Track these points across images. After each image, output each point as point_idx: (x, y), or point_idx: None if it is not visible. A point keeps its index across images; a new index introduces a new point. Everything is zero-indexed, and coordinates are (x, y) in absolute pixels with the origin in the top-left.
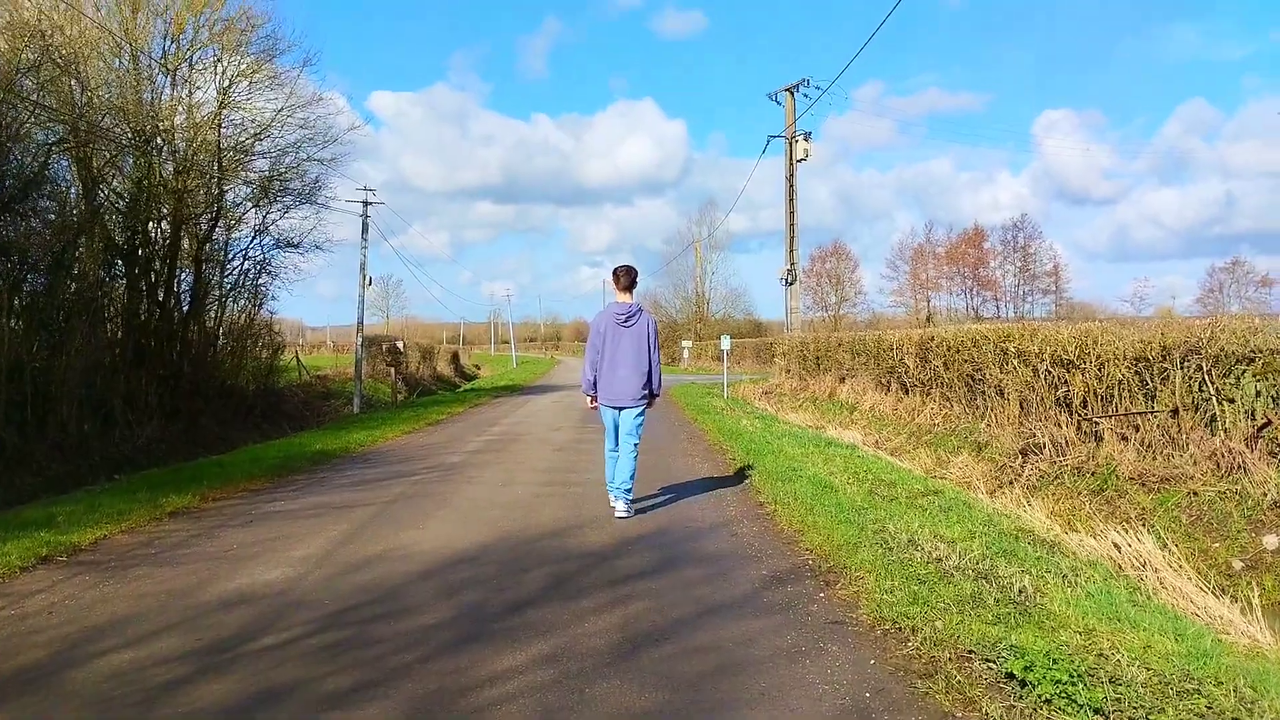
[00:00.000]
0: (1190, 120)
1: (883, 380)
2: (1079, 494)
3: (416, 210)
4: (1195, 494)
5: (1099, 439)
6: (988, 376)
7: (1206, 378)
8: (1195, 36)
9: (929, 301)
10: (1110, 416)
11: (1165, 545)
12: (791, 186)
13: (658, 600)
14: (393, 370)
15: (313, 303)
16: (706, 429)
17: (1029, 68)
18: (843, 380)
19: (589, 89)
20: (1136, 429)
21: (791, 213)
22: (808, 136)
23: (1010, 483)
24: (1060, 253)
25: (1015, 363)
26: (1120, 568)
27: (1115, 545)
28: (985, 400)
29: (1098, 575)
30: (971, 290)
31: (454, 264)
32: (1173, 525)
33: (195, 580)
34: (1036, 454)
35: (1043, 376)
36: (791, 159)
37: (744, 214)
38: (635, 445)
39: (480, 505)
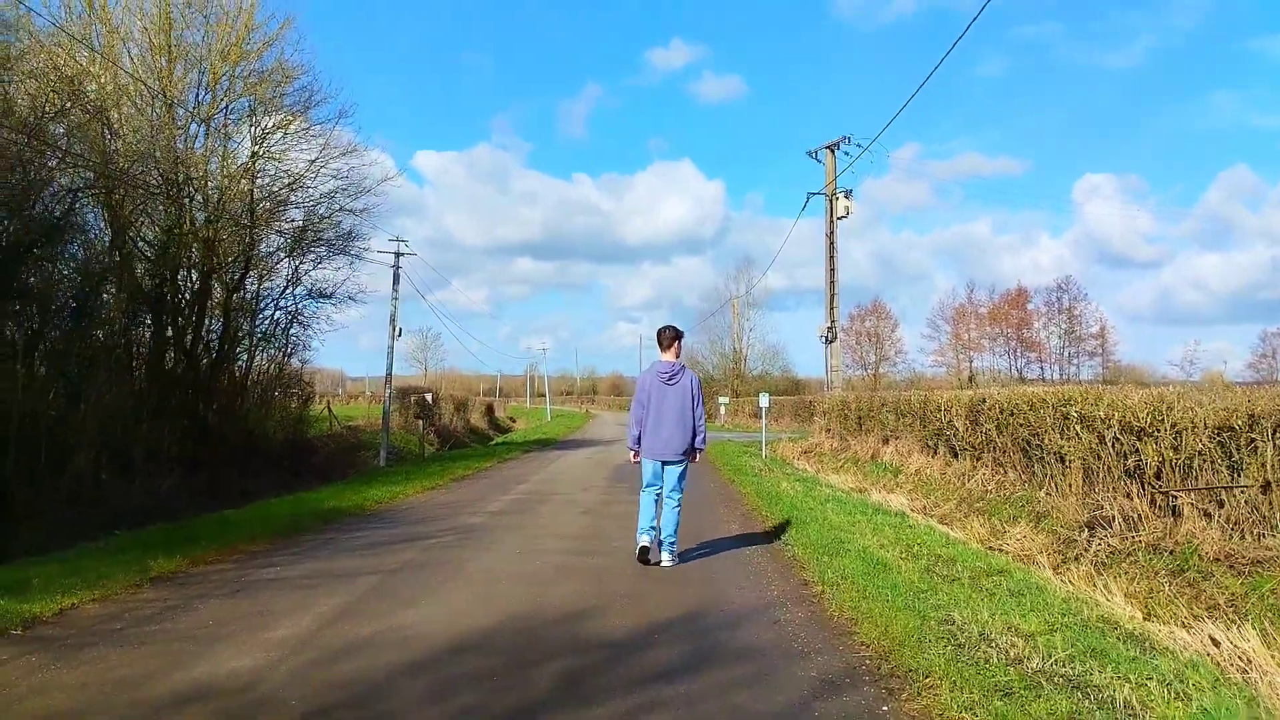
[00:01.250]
0: (1233, 186)
1: (929, 443)
2: (1156, 574)
3: (458, 266)
4: None
5: (1176, 514)
6: (1046, 442)
7: None
8: (1236, 103)
9: (970, 362)
10: (1189, 490)
11: (1269, 640)
12: (832, 244)
13: (688, 711)
14: (420, 423)
15: (353, 354)
16: (745, 492)
17: (1067, 132)
18: (886, 441)
19: (628, 150)
20: (1220, 504)
21: (832, 270)
22: (848, 194)
23: (1076, 558)
24: (1105, 315)
25: (1078, 428)
26: (1221, 668)
27: (1212, 640)
28: (1044, 467)
29: (1205, 682)
30: (1015, 351)
31: (493, 319)
32: (1270, 614)
33: (153, 666)
34: (1105, 528)
35: (1110, 444)
36: (832, 216)
37: (781, 272)
38: (679, 499)
39: (494, 578)
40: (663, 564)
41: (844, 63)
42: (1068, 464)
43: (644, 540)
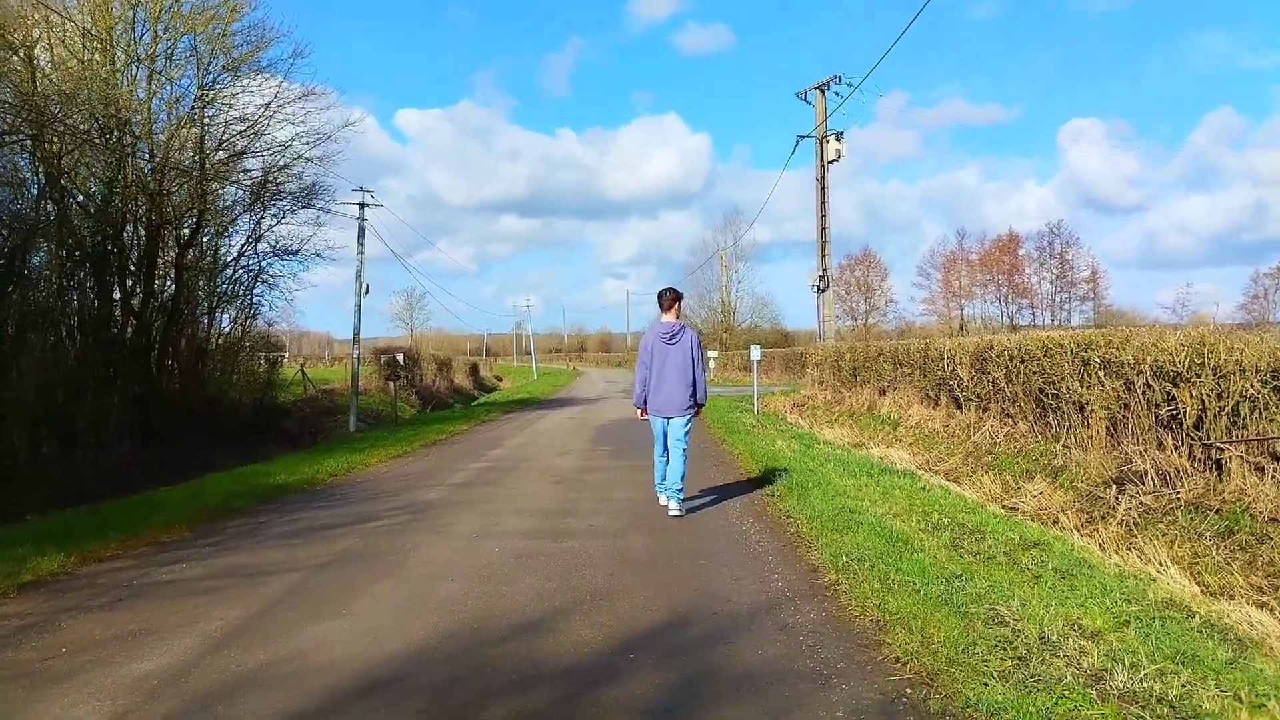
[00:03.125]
0: (1218, 128)
1: (930, 393)
2: (1199, 536)
3: (443, 225)
4: None
5: (1221, 469)
6: (1064, 390)
7: None
8: (1223, 45)
9: (962, 309)
10: (1238, 441)
11: None
12: (823, 189)
13: None
14: (391, 385)
15: (341, 317)
16: (737, 452)
17: (1054, 77)
18: (883, 393)
19: (613, 104)
20: (1276, 458)
21: (823, 215)
22: (839, 136)
23: (1103, 517)
24: (1096, 260)
25: (1100, 374)
26: None
27: None
28: (1061, 418)
29: None
30: (1006, 298)
31: (479, 278)
32: None
33: None
34: (1136, 484)
35: (1140, 391)
36: (823, 159)
37: (768, 225)
38: (684, 450)
39: (439, 572)
40: (670, 512)
41: (832, 5)
42: (1089, 414)
43: (663, 499)
